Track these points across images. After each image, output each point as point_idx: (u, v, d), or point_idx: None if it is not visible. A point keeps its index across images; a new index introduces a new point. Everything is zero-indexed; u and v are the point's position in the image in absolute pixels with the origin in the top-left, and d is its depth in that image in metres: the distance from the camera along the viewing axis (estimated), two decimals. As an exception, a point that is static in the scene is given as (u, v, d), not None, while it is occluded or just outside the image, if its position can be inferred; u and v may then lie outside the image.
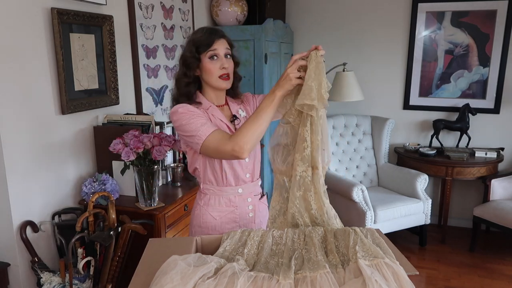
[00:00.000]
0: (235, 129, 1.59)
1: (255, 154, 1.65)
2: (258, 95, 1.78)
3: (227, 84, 1.57)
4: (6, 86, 1.80)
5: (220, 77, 1.53)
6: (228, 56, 1.56)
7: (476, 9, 3.65)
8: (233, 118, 1.63)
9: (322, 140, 1.29)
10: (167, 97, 3.00)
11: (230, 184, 1.60)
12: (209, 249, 1.23)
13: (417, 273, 1.06)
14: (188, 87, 1.56)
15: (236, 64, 1.63)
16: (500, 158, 3.59)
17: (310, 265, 1.07)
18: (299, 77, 1.30)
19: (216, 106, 1.60)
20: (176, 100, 1.59)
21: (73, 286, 1.82)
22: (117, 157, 2.03)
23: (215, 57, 1.52)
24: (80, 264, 1.86)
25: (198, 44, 1.52)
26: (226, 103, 1.66)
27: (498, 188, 3.51)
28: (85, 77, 2.23)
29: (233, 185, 1.60)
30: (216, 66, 1.52)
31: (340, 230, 1.22)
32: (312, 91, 1.25)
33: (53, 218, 2.07)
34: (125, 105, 2.56)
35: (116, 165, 2.21)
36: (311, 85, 1.25)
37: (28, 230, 1.93)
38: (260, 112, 1.35)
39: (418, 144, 3.90)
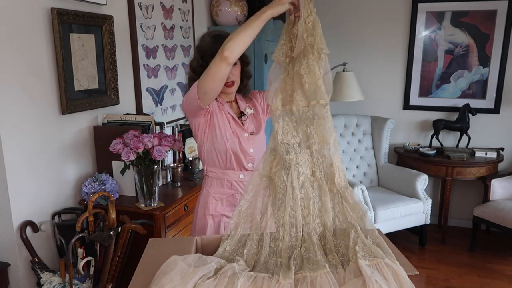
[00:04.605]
0: (242, 124, 1.69)
1: (261, 146, 1.74)
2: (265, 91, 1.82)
3: (232, 90, 1.67)
4: (6, 86, 1.80)
5: (225, 84, 1.59)
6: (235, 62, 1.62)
7: (476, 9, 3.65)
8: (241, 114, 1.72)
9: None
10: (167, 97, 3.00)
11: (232, 168, 1.68)
12: (209, 249, 1.23)
13: (417, 273, 1.06)
14: None
15: (245, 64, 1.72)
16: (500, 158, 3.59)
17: (310, 265, 1.07)
18: (292, 3, 1.30)
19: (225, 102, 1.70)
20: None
21: (73, 286, 1.82)
22: (117, 157, 2.03)
23: None
24: (80, 264, 1.86)
25: (203, 54, 1.58)
26: (235, 101, 1.75)
27: (498, 188, 3.51)
28: (85, 77, 2.23)
29: (235, 170, 1.68)
30: None
31: (339, 229, 1.22)
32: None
33: (53, 218, 2.07)
34: (125, 105, 2.56)
35: (116, 165, 2.21)
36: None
37: (28, 230, 1.93)
38: (248, 24, 1.36)
39: (418, 144, 3.90)
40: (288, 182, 1.21)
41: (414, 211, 3.42)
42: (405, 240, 3.68)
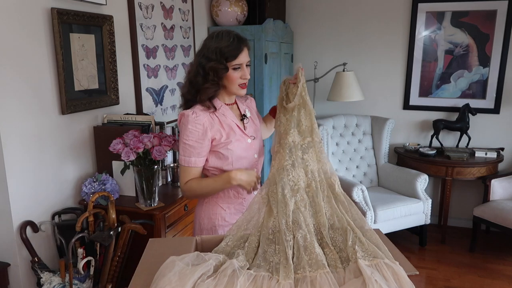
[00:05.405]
0: (244, 127, 1.69)
1: (261, 150, 1.75)
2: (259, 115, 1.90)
3: (244, 91, 1.67)
4: (6, 87, 1.80)
5: (240, 85, 1.62)
6: (248, 64, 1.64)
7: (476, 9, 3.65)
8: (243, 117, 1.72)
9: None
10: (167, 97, 3.00)
11: None
12: (209, 249, 1.23)
13: (417, 273, 1.06)
14: (215, 92, 1.62)
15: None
16: (500, 158, 3.59)
17: (307, 256, 1.06)
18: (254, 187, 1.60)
19: (227, 104, 1.69)
20: (190, 101, 1.64)
21: (73, 286, 1.82)
22: (117, 157, 2.03)
23: (238, 67, 1.59)
24: (80, 264, 1.86)
25: (227, 55, 1.57)
26: (235, 102, 1.75)
27: (498, 188, 3.51)
28: (85, 77, 2.23)
29: None
30: (238, 75, 1.60)
31: (336, 225, 1.22)
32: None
33: (53, 218, 2.07)
34: (125, 105, 2.56)
35: (116, 165, 2.21)
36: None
37: (28, 230, 1.93)
38: (213, 190, 1.62)
39: (418, 144, 3.90)
40: (279, 192, 1.27)
41: (414, 211, 3.42)
42: (405, 240, 3.68)
